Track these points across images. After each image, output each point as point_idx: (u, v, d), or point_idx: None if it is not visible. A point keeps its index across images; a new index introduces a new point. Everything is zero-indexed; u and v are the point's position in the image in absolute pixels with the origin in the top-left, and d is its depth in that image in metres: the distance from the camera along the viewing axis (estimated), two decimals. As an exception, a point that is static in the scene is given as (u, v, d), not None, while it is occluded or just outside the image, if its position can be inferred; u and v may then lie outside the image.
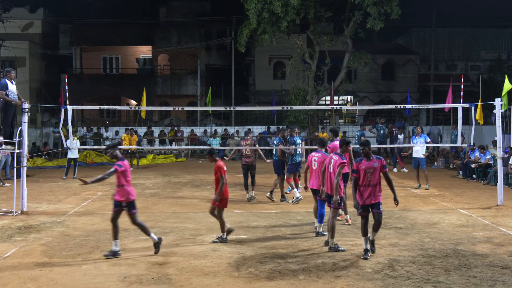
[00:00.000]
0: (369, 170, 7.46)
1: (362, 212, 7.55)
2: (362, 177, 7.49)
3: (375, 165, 7.49)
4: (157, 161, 23.54)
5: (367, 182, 7.47)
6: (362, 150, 7.56)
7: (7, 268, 7.01)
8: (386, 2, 23.46)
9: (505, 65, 38.43)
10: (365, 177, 7.47)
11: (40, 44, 36.49)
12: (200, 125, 29.58)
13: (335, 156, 8.12)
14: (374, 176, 7.47)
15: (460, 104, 12.63)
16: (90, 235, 8.95)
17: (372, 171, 7.47)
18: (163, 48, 36.82)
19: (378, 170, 7.49)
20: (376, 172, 7.48)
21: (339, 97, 32.47)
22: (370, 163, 7.51)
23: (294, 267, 7.03)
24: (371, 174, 7.46)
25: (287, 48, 28.53)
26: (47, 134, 27.35)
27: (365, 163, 7.53)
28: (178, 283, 6.39)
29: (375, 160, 7.53)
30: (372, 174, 7.46)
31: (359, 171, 7.54)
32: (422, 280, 6.47)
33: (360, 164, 7.54)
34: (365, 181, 7.48)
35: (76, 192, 13.99)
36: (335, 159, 8.07)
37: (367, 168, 7.47)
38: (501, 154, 11.94)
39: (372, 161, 7.52)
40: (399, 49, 40.23)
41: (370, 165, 7.49)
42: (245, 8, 23.90)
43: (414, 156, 14.60)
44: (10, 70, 11.28)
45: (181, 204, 12.19)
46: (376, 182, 7.48)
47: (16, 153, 10.93)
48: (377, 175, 7.50)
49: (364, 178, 7.48)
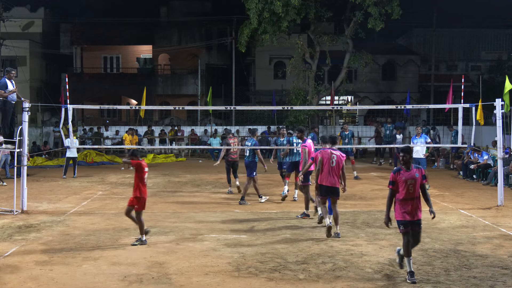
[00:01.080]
0: (410, 182, 6.58)
1: (405, 229, 6.59)
2: (402, 189, 6.59)
3: (416, 175, 6.63)
4: (157, 160, 23.53)
5: (409, 195, 6.57)
6: (402, 158, 6.67)
7: (7, 267, 7.02)
8: (387, 2, 23.48)
9: (505, 66, 38.39)
10: (407, 190, 6.57)
11: (40, 43, 36.50)
12: (200, 124, 29.58)
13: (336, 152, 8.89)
14: (415, 188, 6.60)
15: (461, 104, 12.63)
16: (90, 234, 8.94)
17: (414, 182, 6.59)
18: (164, 48, 36.82)
19: (419, 181, 6.63)
20: (417, 183, 6.61)
21: (340, 97, 32.46)
22: (411, 173, 6.62)
23: (294, 267, 7.03)
24: (413, 186, 6.58)
25: (287, 48, 28.53)
26: (48, 133, 27.36)
27: (405, 173, 6.62)
28: (178, 283, 6.39)
29: (415, 170, 6.68)
30: (413, 185, 6.58)
31: (398, 183, 6.63)
32: (422, 280, 6.47)
33: (399, 175, 6.63)
34: (406, 194, 6.58)
35: (76, 192, 14.00)
36: (337, 155, 8.85)
37: (408, 179, 6.58)
38: (501, 154, 11.93)
39: (412, 171, 6.66)
40: (400, 49, 40.21)
41: (411, 176, 6.61)
42: (246, 8, 23.91)
43: (414, 156, 14.55)
44: (10, 70, 11.30)
45: (181, 204, 12.19)
46: (417, 194, 6.64)
47: (17, 152, 10.93)
48: (418, 187, 6.64)
49: (405, 190, 6.58)
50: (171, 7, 39.03)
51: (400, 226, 6.62)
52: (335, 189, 8.80)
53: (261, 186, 13.29)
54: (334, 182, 8.76)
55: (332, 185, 8.76)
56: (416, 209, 6.59)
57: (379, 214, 10.82)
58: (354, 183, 15.62)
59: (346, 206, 11.70)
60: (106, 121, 33.19)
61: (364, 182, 16.05)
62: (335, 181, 8.78)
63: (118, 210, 11.22)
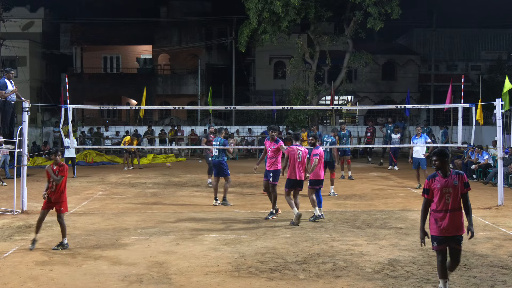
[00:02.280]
0: (446, 190, 5.65)
1: (438, 246, 5.68)
2: (437, 199, 5.67)
3: (455, 183, 5.65)
4: (157, 160, 23.55)
5: (445, 206, 5.65)
6: (434, 163, 5.74)
7: (8, 267, 7.02)
8: (387, 2, 23.50)
9: (505, 65, 38.41)
10: (442, 199, 5.65)
11: (40, 43, 36.51)
12: (200, 124, 29.59)
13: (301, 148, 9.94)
14: (454, 198, 5.65)
15: (461, 104, 12.63)
16: (90, 234, 8.94)
17: (451, 191, 5.65)
18: (164, 48, 36.82)
19: (458, 190, 5.66)
20: (456, 192, 5.66)
21: (340, 97, 32.48)
22: (448, 181, 5.66)
23: (294, 267, 7.03)
24: (450, 195, 5.65)
25: (287, 48, 28.55)
26: (48, 134, 27.37)
27: (441, 180, 5.68)
28: (178, 283, 6.39)
29: (454, 177, 5.69)
30: (451, 195, 5.65)
31: (432, 191, 5.72)
32: (422, 280, 6.47)
33: (434, 182, 5.72)
34: (441, 205, 5.66)
35: (76, 192, 13.99)
36: (302, 150, 9.90)
37: (443, 187, 5.65)
38: (501, 154, 11.93)
39: (451, 177, 5.68)
40: (400, 49, 40.22)
41: (448, 183, 5.66)
42: (246, 8, 23.92)
43: (415, 156, 14.59)
44: (10, 70, 11.30)
45: (181, 204, 12.19)
46: (457, 205, 5.66)
47: (16, 153, 10.93)
48: (458, 197, 5.68)
49: (440, 200, 5.66)
50: (171, 7, 39.03)
51: (434, 242, 5.72)
52: (301, 182, 9.90)
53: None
54: (300, 176, 9.80)
55: (299, 179, 9.81)
56: (454, 223, 5.63)
57: (379, 214, 10.84)
58: (354, 183, 15.63)
59: (346, 206, 11.71)
60: (106, 121, 33.21)
61: (364, 182, 16.06)
62: (301, 175, 9.83)
63: (118, 210, 11.24)
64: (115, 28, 36.16)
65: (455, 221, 5.63)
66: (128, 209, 11.44)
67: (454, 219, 5.63)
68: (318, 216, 10.17)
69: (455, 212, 5.63)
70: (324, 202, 10.55)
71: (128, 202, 12.40)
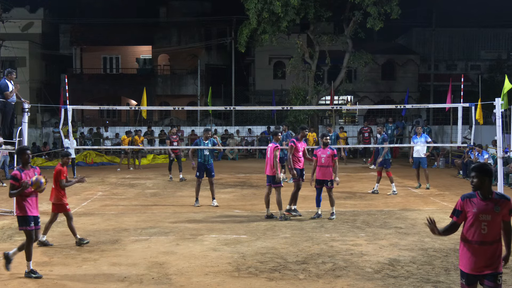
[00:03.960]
0: (484, 217, 4.35)
1: (467, 285, 4.50)
2: (471, 226, 4.41)
3: (496, 210, 4.35)
4: (157, 161, 23.54)
5: (480, 237, 4.36)
6: (472, 180, 4.45)
7: (7, 268, 7.01)
8: (386, 2, 23.51)
9: (505, 65, 38.40)
10: (477, 228, 4.37)
11: (40, 44, 36.49)
12: (200, 125, 29.58)
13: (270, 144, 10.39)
14: (492, 228, 4.36)
15: (460, 104, 12.63)
16: (90, 235, 8.94)
17: (490, 218, 4.35)
18: (163, 48, 36.82)
19: (500, 217, 4.38)
20: (496, 221, 4.37)
21: (339, 97, 32.48)
22: (488, 205, 4.38)
23: (294, 267, 7.03)
24: (487, 224, 4.35)
25: (287, 48, 28.54)
26: (47, 134, 27.35)
27: (479, 203, 4.40)
28: (178, 283, 6.39)
29: (496, 200, 4.39)
30: (488, 224, 4.35)
31: (465, 214, 4.46)
32: (422, 279, 6.47)
33: (469, 204, 4.44)
34: (476, 235, 4.38)
35: (76, 192, 13.98)
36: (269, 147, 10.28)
37: (481, 213, 4.37)
38: (501, 154, 11.93)
39: (491, 200, 4.40)
40: (399, 49, 40.23)
41: (488, 208, 4.37)
42: (245, 8, 23.92)
43: (415, 156, 14.58)
44: (12, 72, 11.29)
45: (181, 204, 12.19)
46: (496, 237, 4.38)
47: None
48: (499, 226, 4.39)
49: (475, 229, 4.38)
50: (171, 7, 39.02)
51: (462, 278, 4.52)
52: (268, 176, 10.28)
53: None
54: (270, 171, 10.19)
55: (266, 173, 10.30)
56: (490, 259, 4.37)
57: (379, 214, 10.84)
58: (354, 183, 15.63)
59: (346, 206, 11.71)
60: (106, 121, 33.20)
61: (364, 182, 16.06)
62: (268, 170, 10.24)
63: (118, 211, 11.24)
64: (115, 28, 36.16)
65: (492, 257, 4.36)
66: (128, 210, 11.44)
67: (490, 254, 4.36)
68: (318, 215, 10.37)
69: (492, 246, 4.36)
70: (323, 202, 10.54)
71: (128, 203, 12.40)
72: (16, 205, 6.80)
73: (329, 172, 10.33)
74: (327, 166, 10.32)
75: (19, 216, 6.72)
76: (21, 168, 6.78)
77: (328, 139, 10.58)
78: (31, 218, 6.71)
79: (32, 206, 6.75)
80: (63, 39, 37.72)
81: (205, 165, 11.82)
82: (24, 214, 6.68)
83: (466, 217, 4.44)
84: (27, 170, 6.80)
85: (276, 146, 10.16)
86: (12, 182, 6.68)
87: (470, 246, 4.41)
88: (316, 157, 10.44)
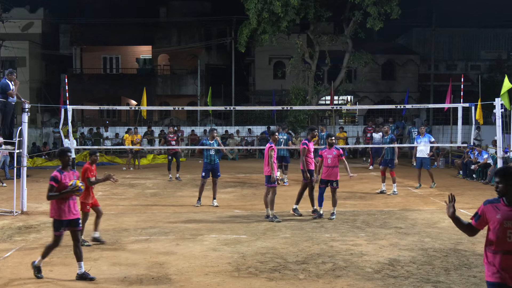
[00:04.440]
0: (509, 223, 4.08)
1: None
2: (494, 234, 4.12)
3: None
4: (157, 161, 23.55)
5: (505, 246, 4.08)
6: (497, 185, 4.15)
7: (8, 268, 7.02)
8: (386, 2, 23.51)
9: (505, 65, 38.41)
10: (502, 236, 4.09)
11: (40, 44, 36.49)
12: (200, 125, 29.59)
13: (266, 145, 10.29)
14: None
15: (460, 104, 12.64)
16: (90, 235, 8.93)
17: None
18: (163, 48, 36.82)
19: None
20: None
21: (339, 97, 32.47)
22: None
23: (294, 267, 7.03)
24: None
25: (287, 48, 28.54)
26: (47, 134, 27.37)
27: (504, 209, 4.11)
28: (178, 283, 6.39)
29: None
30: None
31: (486, 221, 4.21)
32: (422, 279, 6.47)
33: (493, 211, 4.16)
34: (500, 243, 4.10)
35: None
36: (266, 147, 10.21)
37: (506, 220, 4.08)
38: (501, 154, 11.93)
39: None
40: (399, 49, 40.23)
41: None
42: (245, 8, 23.92)
43: (418, 155, 14.56)
44: (13, 72, 11.30)
45: (181, 204, 12.19)
46: None
47: (16, 153, 10.93)
48: None
49: (500, 236, 4.09)
50: (171, 7, 39.03)
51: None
52: (268, 176, 10.14)
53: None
54: (265, 171, 10.16)
55: (266, 174, 10.16)
56: None
57: (379, 214, 10.85)
58: (354, 183, 15.62)
59: (346, 206, 11.71)
60: (106, 121, 33.20)
61: (364, 182, 16.07)
62: (264, 170, 10.20)
63: (118, 211, 11.24)
64: (115, 28, 36.15)
65: None
66: (128, 210, 11.44)
67: None
68: (317, 213, 10.43)
69: None
70: (324, 202, 10.53)
71: (128, 203, 12.40)
72: (52, 206, 6.57)
73: (334, 172, 10.34)
74: (333, 167, 10.33)
75: (53, 219, 6.55)
76: (61, 169, 6.60)
77: (333, 140, 10.58)
78: (63, 223, 6.52)
79: (69, 209, 6.54)
80: (63, 39, 37.72)
81: (211, 165, 11.82)
82: (58, 217, 6.50)
83: (487, 224, 4.19)
84: (66, 172, 6.61)
85: (270, 146, 10.13)
86: (51, 183, 6.44)
87: (496, 256, 4.10)
88: (322, 158, 10.48)
